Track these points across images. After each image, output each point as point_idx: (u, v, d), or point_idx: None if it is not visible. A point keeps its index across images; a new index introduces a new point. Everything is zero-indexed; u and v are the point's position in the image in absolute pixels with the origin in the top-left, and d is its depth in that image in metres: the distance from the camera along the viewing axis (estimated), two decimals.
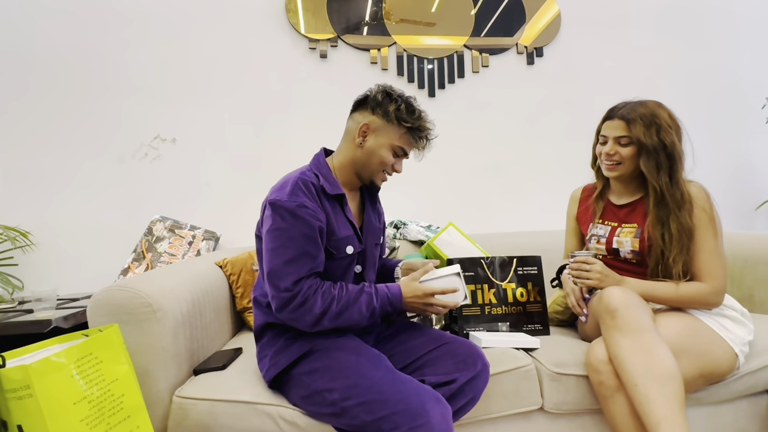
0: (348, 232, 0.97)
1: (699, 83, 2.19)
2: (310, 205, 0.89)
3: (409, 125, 0.96)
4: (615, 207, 1.24)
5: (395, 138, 0.97)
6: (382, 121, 0.97)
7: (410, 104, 0.98)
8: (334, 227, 0.95)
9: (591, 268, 1.08)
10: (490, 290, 1.26)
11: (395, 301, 0.92)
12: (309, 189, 0.92)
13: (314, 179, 0.95)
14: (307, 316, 0.86)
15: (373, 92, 0.99)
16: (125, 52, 1.84)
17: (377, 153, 0.98)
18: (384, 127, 0.97)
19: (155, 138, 1.87)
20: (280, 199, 0.89)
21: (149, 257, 1.59)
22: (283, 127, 1.94)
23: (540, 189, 2.07)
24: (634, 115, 1.09)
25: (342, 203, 0.98)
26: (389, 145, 0.98)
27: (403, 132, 0.97)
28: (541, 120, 2.08)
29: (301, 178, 0.93)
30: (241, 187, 1.90)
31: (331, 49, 1.97)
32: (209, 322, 1.17)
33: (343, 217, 0.98)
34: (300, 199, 0.89)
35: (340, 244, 0.95)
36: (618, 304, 0.95)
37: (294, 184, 0.91)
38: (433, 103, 2.03)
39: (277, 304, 0.86)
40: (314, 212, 0.90)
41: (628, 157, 1.12)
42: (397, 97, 0.98)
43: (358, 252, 1.00)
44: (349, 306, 0.88)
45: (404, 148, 0.99)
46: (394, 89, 1.00)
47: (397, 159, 1.00)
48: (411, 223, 1.79)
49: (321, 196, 0.94)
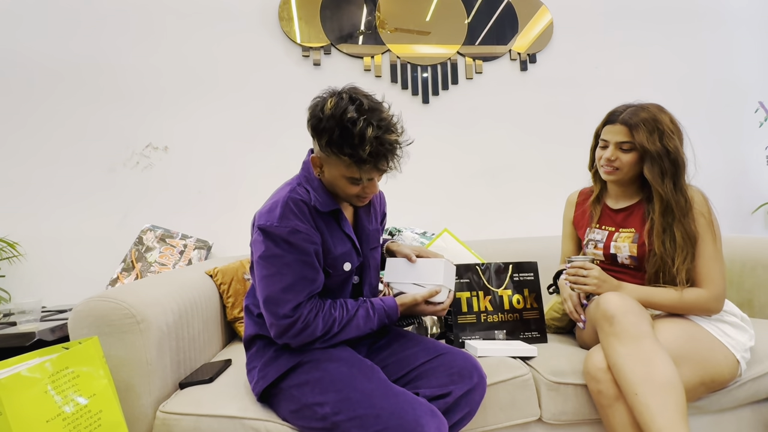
0: (345, 248, 0.93)
1: (692, 88, 2.20)
2: (303, 228, 0.84)
3: (348, 157, 0.79)
4: (612, 211, 1.23)
5: (343, 170, 0.83)
6: (323, 153, 0.84)
7: (346, 128, 0.77)
8: (330, 245, 0.91)
9: (588, 273, 1.06)
10: (486, 297, 1.24)
11: (391, 311, 0.93)
12: (301, 209, 0.85)
13: (305, 196, 0.88)
14: (308, 339, 0.86)
15: (308, 116, 0.84)
16: (116, 60, 1.83)
17: (336, 185, 0.87)
18: (327, 159, 0.84)
19: (147, 146, 1.85)
20: (270, 224, 0.83)
21: (139, 267, 1.56)
22: (276, 134, 1.92)
23: (535, 195, 2.06)
24: (636, 120, 1.08)
25: (337, 217, 0.93)
26: (341, 176, 0.85)
27: (347, 163, 0.81)
28: (535, 126, 2.08)
29: (291, 197, 0.86)
30: (233, 195, 1.88)
31: (325, 56, 1.96)
32: (197, 333, 1.14)
33: (339, 232, 0.93)
34: (291, 223, 0.83)
35: (336, 263, 0.92)
36: (615, 310, 0.93)
37: (284, 206, 0.85)
38: (427, 110, 2.03)
39: (276, 331, 0.84)
40: (308, 235, 0.85)
41: (630, 163, 1.11)
42: (326, 122, 0.79)
43: (357, 267, 0.97)
44: (349, 323, 0.89)
45: (359, 178, 0.84)
46: (327, 104, 0.80)
47: (361, 186, 0.86)
48: (406, 230, 1.77)
49: (314, 215, 0.88)
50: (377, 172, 0.84)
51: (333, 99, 0.80)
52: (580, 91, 2.11)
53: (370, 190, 0.88)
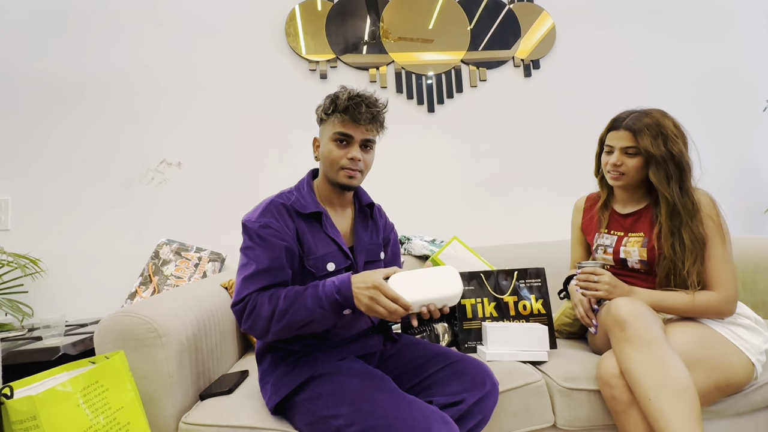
0: (329, 249, 0.97)
1: (699, 87, 2.19)
2: (275, 225, 0.92)
3: (331, 110, 0.96)
4: (620, 216, 1.24)
5: (329, 130, 0.97)
6: (319, 126, 1.02)
7: (333, 95, 0.97)
8: (311, 246, 0.95)
9: (599, 278, 1.07)
10: (491, 304, 1.25)
11: (342, 286, 0.83)
12: (279, 210, 0.95)
13: (288, 200, 0.97)
14: (259, 321, 0.86)
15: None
16: (128, 79, 1.89)
17: (325, 153, 0.98)
18: (322, 130, 1.01)
19: (161, 162, 1.90)
20: (249, 220, 0.94)
21: (156, 281, 1.60)
22: (285, 148, 1.96)
23: (542, 200, 2.06)
24: (639, 125, 1.09)
25: (320, 220, 0.98)
26: (329, 139, 0.97)
27: (332, 120, 0.96)
28: (541, 131, 2.09)
29: (274, 200, 0.97)
30: (245, 208, 1.89)
31: (331, 69, 2.01)
32: (215, 345, 1.17)
33: (322, 235, 0.97)
34: (265, 220, 0.92)
35: (319, 263, 0.95)
36: (627, 315, 0.94)
37: (265, 206, 0.95)
38: (432, 119, 2.05)
39: (237, 320, 0.89)
40: (278, 232, 0.91)
41: (635, 168, 1.12)
42: (323, 101, 0.99)
43: (345, 268, 0.98)
44: (295, 302, 0.84)
45: (341, 132, 0.95)
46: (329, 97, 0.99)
47: (345, 148, 0.96)
48: (415, 238, 1.79)
49: (293, 217, 0.96)
50: (354, 124, 0.94)
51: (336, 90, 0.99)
52: (584, 95, 2.12)
53: (351, 154, 0.95)
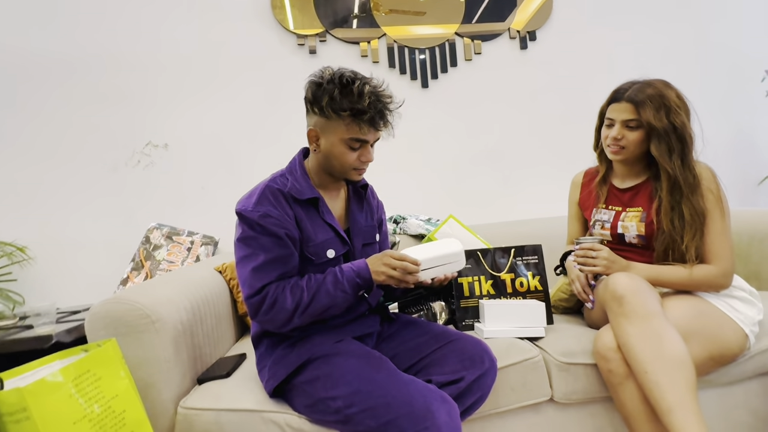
0: (327, 236, 0.94)
1: (697, 59, 2.15)
2: (275, 214, 0.87)
3: (349, 112, 0.84)
4: (619, 191, 1.22)
5: (342, 131, 0.87)
6: (322, 119, 0.88)
7: (345, 85, 0.84)
8: (310, 233, 0.92)
9: (597, 254, 1.06)
10: (488, 282, 1.25)
11: (360, 269, 0.88)
12: (276, 197, 0.90)
13: (283, 185, 0.92)
14: (281, 315, 0.84)
15: (306, 88, 0.90)
16: (108, 57, 1.81)
17: (334, 153, 0.90)
18: (327, 124, 0.88)
19: (147, 144, 1.84)
20: (245, 209, 0.88)
21: (148, 266, 1.58)
22: (276, 126, 1.91)
23: (538, 175, 2.04)
24: (642, 96, 1.06)
25: (317, 206, 0.95)
26: (340, 141, 0.88)
27: (347, 122, 0.85)
28: (537, 105, 2.05)
29: (270, 186, 0.91)
30: (236, 188, 1.84)
31: (320, 44, 1.93)
32: (211, 329, 1.16)
33: (319, 221, 0.94)
34: (264, 208, 0.87)
35: (318, 250, 0.93)
36: (624, 290, 0.94)
37: (261, 193, 0.90)
38: (426, 94, 2.00)
39: (250, 311, 0.86)
40: (278, 220, 0.87)
41: (636, 141, 1.10)
42: (327, 84, 0.85)
43: (343, 254, 0.97)
44: (318, 290, 0.86)
45: (357, 138, 0.87)
46: (324, 74, 0.87)
47: (358, 151, 0.90)
48: (410, 218, 1.77)
49: (291, 203, 0.91)
50: (374, 130, 0.88)
51: (329, 69, 0.88)
52: (582, 67, 2.07)
53: (366, 157, 0.91)
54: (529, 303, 1.13)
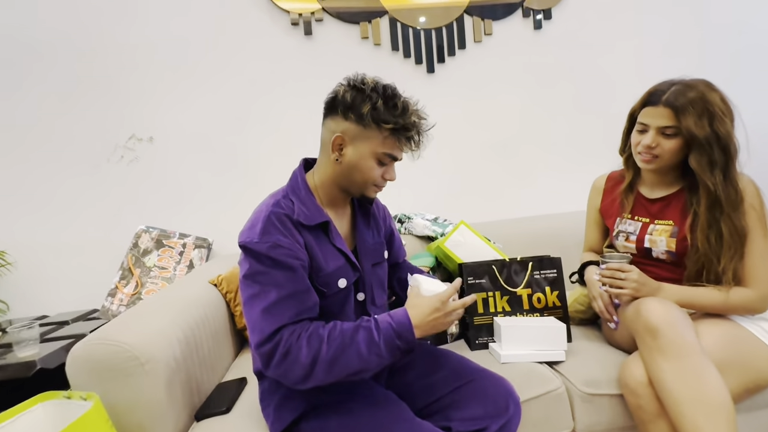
0: (338, 263, 0.84)
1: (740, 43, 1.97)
2: (286, 243, 0.77)
3: (392, 126, 0.79)
4: (647, 201, 1.12)
5: (377, 144, 0.81)
6: (358, 127, 0.80)
7: (390, 97, 0.80)
8: (321, 262, 0.82)
9: (627, 276, 0.98)
10: (503, 298, 1.17)
11: (403, 330, 0.74)
12: (284, 224, 0.79)
13: (289, 209, 0.81)
14: (296, 369, 0.71)
15: (341, 92, 0.82)
16: (87, 47, 1.63)
17: (359, 166, 0.82)
18: (361, 134, 0.80)
19: (130, 138, 1.70)
20: (251, 240, 0.76)
21: (138, 273, 1.48)
22: (271, 115, 1.76)
23: (552, 168, 1.93)
24: (683, 101, 0.95)
25: (327, 231, 0.85)
26: (372, 154, 0.81)
27: (386, 135, 0.80)
28: (552, 92, 1.90)
29: (274, 211, 0.79)
30: (230, 183, 1.75)
31: (317, 24, 1.75)
32: (207, 354, 1.08)
33: (329, 246, 0.84)
34: (272, 237, 0.76)
35: (330, 280, 0.83)
36: (659, 321, 0.86)
37: (265, 220, 0.78)
38: (432, 80, 1.85)
39: (261, 363, 0.74)
40: (291, 250, 0.77)
41: (673, 151, 0.99)
42: (370, 92, 0.79)
43: (354, 282, 0.88)
44: (345, 348, 0.72)
45: (392, 154, 0.83)
46: (366, 81, 0.81)
47: (385, 167, 0.85)
48: (416, 217, 1.67)
49: (299, 229, 0.81)
50: (410, 147, 0.84)
51: (367, 76, 0.84)
52: (602, 50, 1.90)
53: (389, 175, 0.86)
54: (549, 325, 1.06)
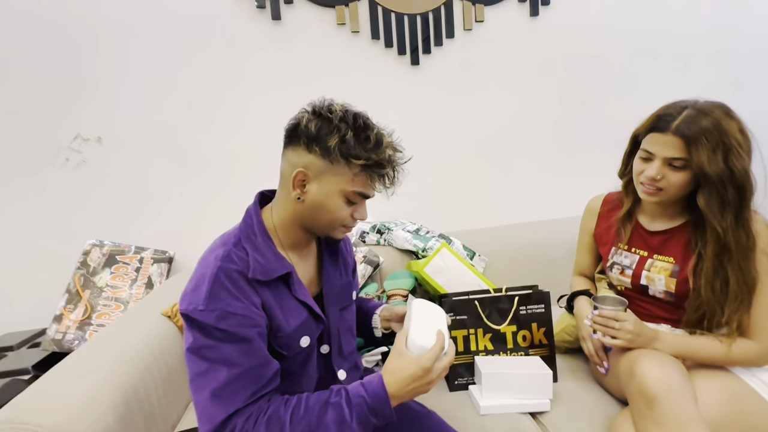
0: (300, 318, 0.73)
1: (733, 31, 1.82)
2: (239, 309, 0.65)
3: (363, 162, 0.69)
4: (646, 232, 1.01)
5: (346, 182, 0.71)
6: (323, 161, 0.69)
7: (361, 129, 0.70)
8: (280, 321, 0.70)
9: (621, 325, 0.88)
10: (486, 336, 1.07)
11: (378, 404, 0.64)
12: (235, 283, 0.66)
13: (243, 263, 0.69)
14: None
15: (304, 120, 0.70)
16: (25, 36, 1.40)
17: (325, 206, 0.72)
18: (327, 169, 0.70)
19: (75, 138, 1.51)
20: (194, 308, 0.64)
21: (87, 296, 1.34)
22: (235, 111, 1.58)
23: (545, 171, 1.79)
24: (695, 130, 0.82)
25: (288, 283, 0.73)
26: (339, 192, 0.71)
27: (356, 172, 0.70)
28: (547, 88, 1.74)
29: (223, 268, 0.67)
30: (192, 188, 1.59)
31: (286, 7, 1.54)
32: (157, 402, 0.96)
33: (291, 301, 0.73)
34: (221, 304, 0.64)
35: (290, 341, 0.72)
36: (657, 389, 0.77)
37: (212, 281, 0.65)
38: (416, 73, 1.67)
39: None
40: (245, 317, 0.65)
41: (679, 185, 0.87)
42: (339, 122, 0.69)
43: (318, 337, 0.77)
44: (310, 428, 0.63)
45: (363, 192, 0.73)
46: (334, 109, 0.70)
47: (354, 206, 0.74)
48: (396, 227, 1.54)
49: (256, 287, 0.69)
50: (383, 184, 0.74)
51: (334, 103, 0.73)
52: (604, 41, 1.73)
53: (360, 214, 0.75)
54: (534, 372, 0.97)
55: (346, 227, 0.76)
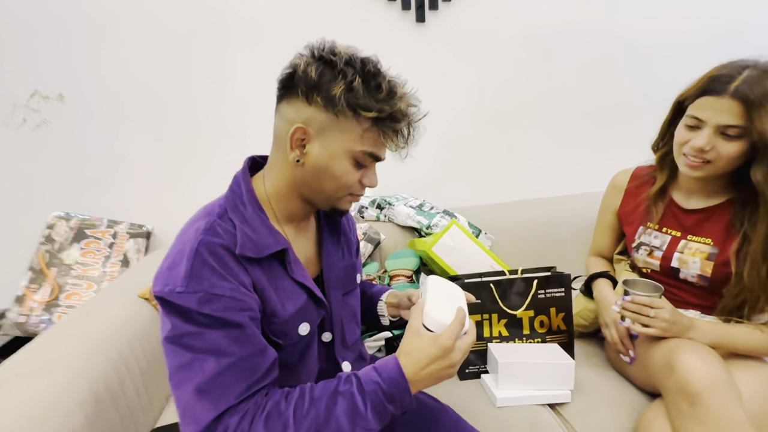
0: (299, 303, 0.62)
1: None
2: (227, 292, 0.54)
3: (375, 114, 0.57)
4: (681, 211, 0.92)
5: (354, 140, 0.59)
6: (327, 115, 0.58)
7: (371, 76, 0.58)
8: (275, 305, 0.60)
9: (657, 313, 0.80)
10: (501, 321, 0.98)
11: (395, 391, 0.54)
12: (221, 259, 0.55)
13: (229, 237, 0.57)
14: None
15: (302, 65, 0.58)
16: None
17: (330, 169, 0.60)
18: (332, 124, 0.58)
19: (32, 95, 1.32)
20: (171, 290, 0.53)
21: (53, 275, 1.19)
22: (218, 66, 1.40)
23: (553, 141, 1.67)
24: (758, 93, 0.71)
25: (284, 261, 0.62)
26: (346, 152, 0.60)
27: (366, 127, 0.59)
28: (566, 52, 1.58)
29: (205, 242, 0.55)
30: (171, 153, 1.43)
31: None
32: (136, 396, 0.86)
33: (287, 282, 0.62)
34: (203, 284, 0.53)
35: (287, 328, 0.61)
36: (701, 386, 0.69)
37: (193, 257, 0.54)
38: (422, 31, 1.51)
39: None
40: (235, 299, 0.54)
41: (732, 157, 0.77)
42: (344, 67, 0.57)
43: (318, 324, 0.67)
44: (321, 425, 0.53)
45: (373, 153, 0.61)
46: (338, 51, 0.58)
47: (364, 170, 0.63)
48: (398, 202, 1.42)
49: (245, 265, 0.57)
50: (397, 143, 0.62)
51: (343, 47, 0.60)
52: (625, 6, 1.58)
53: (369, 180, 0.65)
54: (555, 362, 0.89)
55: (353, 196, 0.65)
